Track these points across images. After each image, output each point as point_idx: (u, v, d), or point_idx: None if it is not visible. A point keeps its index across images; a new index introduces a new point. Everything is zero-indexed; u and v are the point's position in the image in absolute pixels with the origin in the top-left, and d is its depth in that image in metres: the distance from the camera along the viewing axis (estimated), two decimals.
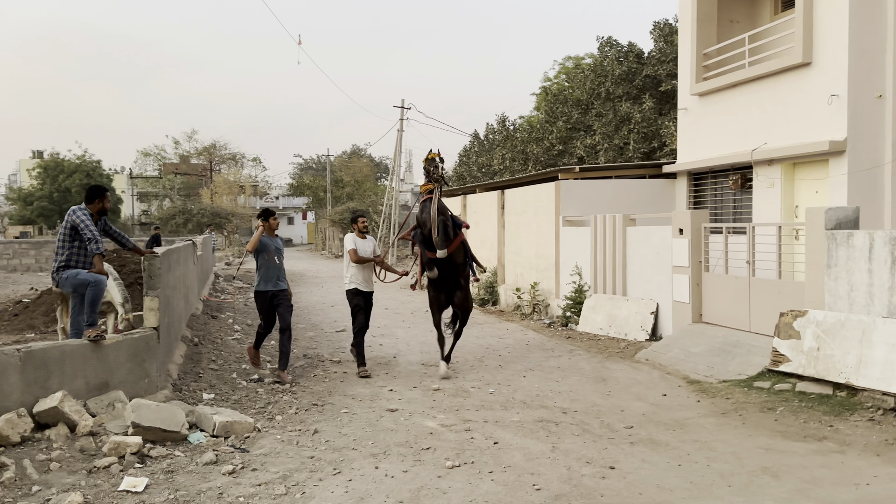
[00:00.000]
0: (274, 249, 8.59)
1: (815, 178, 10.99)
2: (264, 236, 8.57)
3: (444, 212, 8.90)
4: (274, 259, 8.54)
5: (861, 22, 9.98)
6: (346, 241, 9.14)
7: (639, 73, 21.28)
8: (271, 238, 8.67)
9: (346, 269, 9.10)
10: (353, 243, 9.03)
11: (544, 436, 6.27)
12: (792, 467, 5.39)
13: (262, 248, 8.51)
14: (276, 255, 8.58)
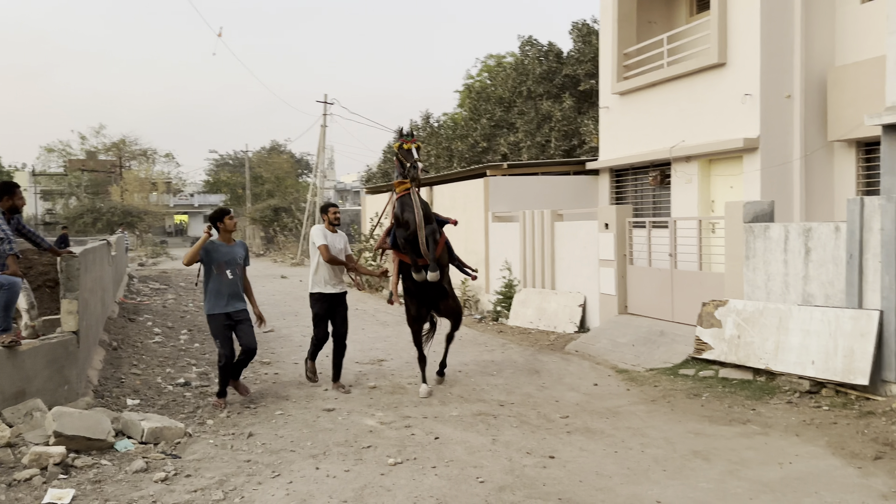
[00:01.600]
0: (226, 261, 6.89)
1: (729, 174, 11.53)
2: (214, 243, 6.90)
3: (430, 217, 7.46)
4: (225, 273, 6.87)
5: (771, 25, 10.53)
6: (314, 235, 7.68)
7: (559, 73, 21.76)
8: (227, 245, 6.97)
9: (313, 271, 7.69)
10: (323, 237, 7.64)
11: (484, 429, 6.31)
12: (721, 450, 5.63)
13: (206, 257, 6.84)
14: (228, 268, 6.88)
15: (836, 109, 10.46)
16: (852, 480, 4.90)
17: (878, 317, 6.65)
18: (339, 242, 7.82)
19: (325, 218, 7.84)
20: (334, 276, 7.70)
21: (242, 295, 7.06)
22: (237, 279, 6.97)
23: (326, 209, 7.87)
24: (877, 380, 6.66)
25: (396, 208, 7.41)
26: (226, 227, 6.95)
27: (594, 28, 21.16)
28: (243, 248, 7.18)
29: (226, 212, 7.01)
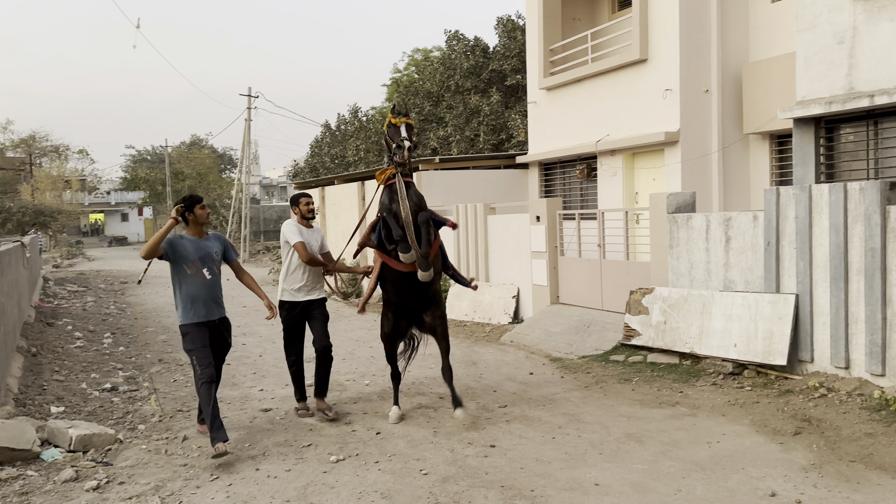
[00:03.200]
0: (201, 258, 5.67)
1: (652, 167, 11.95)
2: (180, 236, 5.67)
3: (423, 206, 6.22)
4: (202, 272, 5.65)
5: (689, 23, 10.96)
6: (286, 232, 6.46)
7: (486, 68, 21.96)
8: (198, 240, 5.73)
9: (285, 274, 6.52)
10: (298, 234, 6.40)
11: (425, 422, 6.36)
12: (653, 432, 5.86)
13: (173, 253, 5.57)
14: (205, 266, 5.67)
15: (750, 103, 10.99)
16: (775, 455, 5.20)
17: (794, 300, 7.05)
18: (316, 239, 6.63)
19: (296, 211, 6.59)
20: (311, 280, 6.52)
21: (222, 297, 5.92)
22: (216, 279, 5.80)
23: (297, 200, 6.58)
24: (794, 360, 7.07)
25: (383, 200, 6.20)
26: (197, 217, 5.70)
27: (519, 24, 21.46)
28: (219, 240, 5.95)
29: (197, 199, 5.74)
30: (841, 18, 8.30)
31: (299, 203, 6.57)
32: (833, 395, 6.41)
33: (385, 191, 6.23)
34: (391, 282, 6.38)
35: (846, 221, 6.65)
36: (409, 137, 6.00)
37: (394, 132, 6.08)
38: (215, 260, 5.81)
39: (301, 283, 6.47)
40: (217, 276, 5.81)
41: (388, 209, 6.13)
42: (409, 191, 6.07)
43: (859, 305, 6.55)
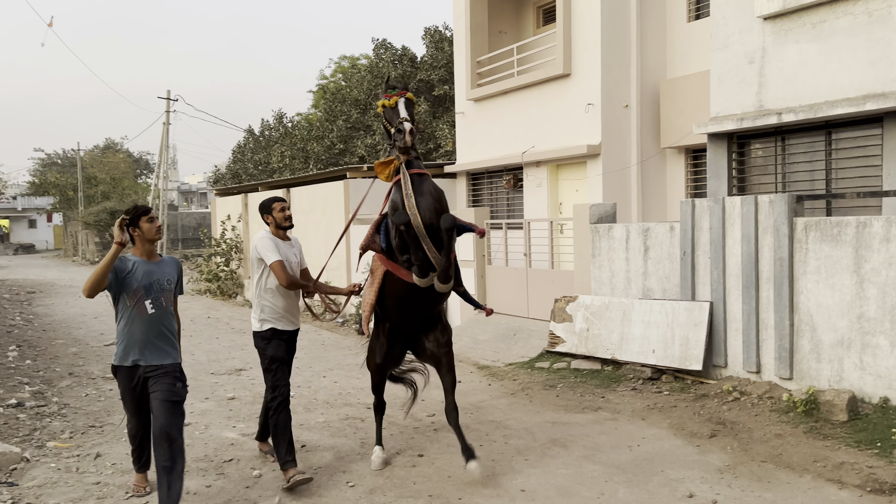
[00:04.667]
0: (146, 286, 4.46)
1: (575, 178, 12.26)
2: (129, 259, 4.52)
3: (443, 205, 5.00)
4: (143, 305, 4.44)
5: (611, 39, 11.33)
6: (260, 248, 5.12)
7: (413, 77, 22.04)
8: (147, 262, 4.54)
9: (257, 297, 5.22)
10: (275, 250, 5.10)
11: (352, 433, 6.28)
12: (576, 436, 5.99)
13: (115, 281, 4.40)
14: (148, 298, 4.46)
15: (668, 119, 11.45)
16: (692, 458, 5.40)
17: (708, 307, 7.36)
18: (295, 254, 5.36)
19: (268, 220, 5.26)
20: (288, 305, 5.26)
21: (172, 338, 4.59)
22: (163, 315, 4.50)
23: (270, 206, 5.25)
24: (709, 365, 7.37)
25: (394, 199, 4.99)
26: (144, 233, 4.51)
27: (446, 35, 21.65)
28: (174, 266, 4.69)
29: (142, 210, 4.54)
30: (751, 39, 8.76)
31: (272, 209, 5.23)
32: (745, 398, 6.72)
33: (394, 189, 4.99)
34: (393, 296, 5.14)
35: (757, 232, 7.00)
36: (410, 117, 4.86)
37: (391, 113, 4.97)
38: (165, 290, 4.53)
39: (284, 310, 5.23)
40: (165, 310, 4.52)
41: (394, 207, 4.87)
42: (422, 186, 4.85)
43: (769, 312, 6.90)
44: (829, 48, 8.01)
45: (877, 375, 6.09)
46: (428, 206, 4.84)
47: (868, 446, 5.34)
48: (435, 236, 4.81)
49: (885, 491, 4.59)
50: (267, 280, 5.19)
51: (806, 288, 6.61)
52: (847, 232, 6.31)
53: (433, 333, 5.43)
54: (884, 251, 6.05)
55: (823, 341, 6.48)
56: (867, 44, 7.64)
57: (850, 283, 6.28)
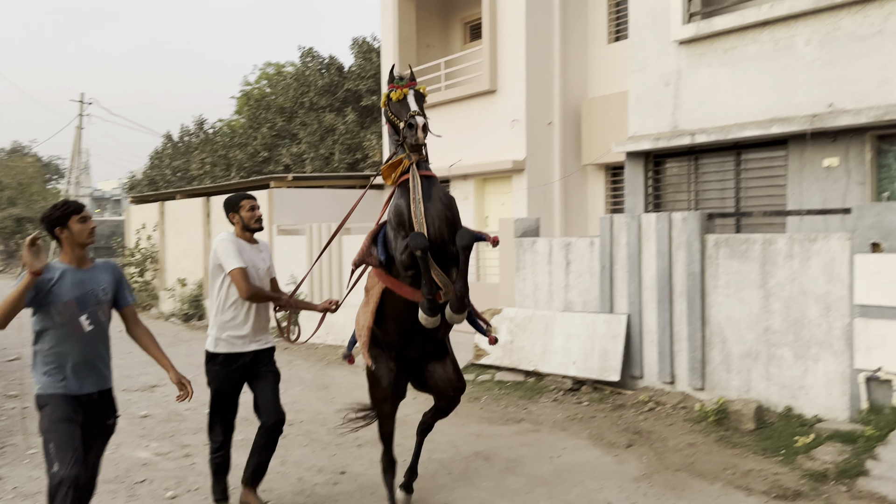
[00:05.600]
0: (78, 298, 3.68)
1: (501, 192, 12.45)
2: (56, 266, 3.69)
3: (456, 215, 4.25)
4: (78, 321, 3.67)
5: (535, 58, 11.60)
6: (220, 251, 4.44)
7: (341, 86, 21.89)
8: (79, 270, 3.74)
9: (218, 312, 4.53)
10: (237, 255, 4.42)
11: None
12: (499, 448, 6.04)
13: (36, 300, 3.60)
14: (84, 313, 3.68)
15: (588, 137, 11.80)
16: (610, 467, 5.53)
17: (626, 320, 7.59)
18: (263, 260, 4.65)
19: (234, 219, 4.58)
20: (257, 321, 4.55)
21: (109, 359, 3.88)
22: (101, 332, 3.78)
23: (237, 204, 4.58)
24: (626, 376, 7.60)
25: (398, 205, 4.21)
26: (74, 235, 3.71)
27: (374, 46, 21.64)
28: (110, 272, 3.89)
29: (73, 208, 3.73)
30: (667, 62, 9.16)
31: (240, 207, 4.56)
32: (660, 408, 6.95)
33: (398, 192, 4.27)
34: (394, 317, 4.43)
35: (671, 248, 7.29)
36: (421, 111, 4.20)
37: (398, 107, 4.28)
38: (102, 302, 3.76)
39: (242, 326, 4.49)
40: (103, 326, 3.78)
41: (400, 221, 4.15)
42: (431, 190, 4.15)
43: (682, 325, 7.18)
44: (738, 73, 8.45)
45: (781, 385, 6.43)
46: (438, 213, 4.10)
47: (773, 454, 5.61)
48: (444, 254, 4.07)
49: (788, 496, 4.83)
50: (228, 291, 4.46)
51: (717, 301, 6.92)
52: (754, 248, 6.65)
53: (441, 366, 4.71)
54: (787, 267, 6.40)
55: (733, 353, 6.79)
56: (773, 70, 8.12)
57: (757, 297, 6.62)
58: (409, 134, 4.12)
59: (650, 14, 9.37)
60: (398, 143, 4.32)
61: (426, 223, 4.03)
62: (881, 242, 5.76)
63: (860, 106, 7.37)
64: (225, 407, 4.61)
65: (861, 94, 7.40)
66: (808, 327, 6.25)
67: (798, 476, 5.15)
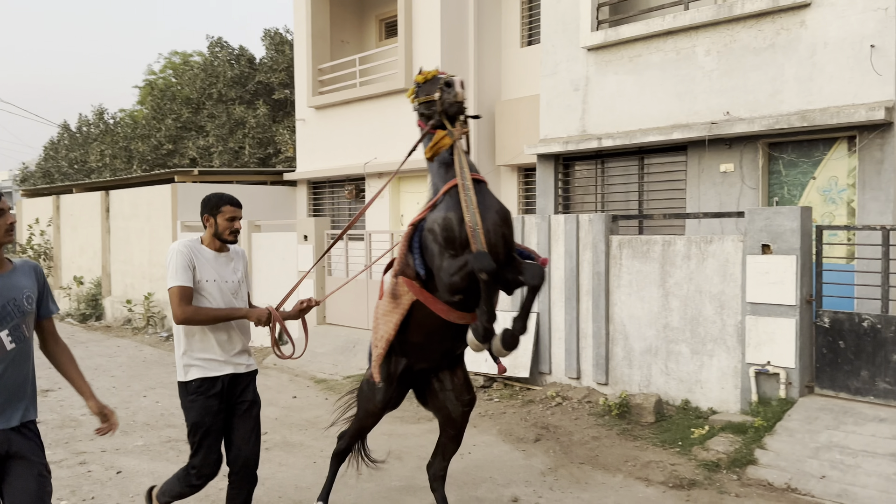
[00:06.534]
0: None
1: (416, 191, 12.46)
2: None
3: (511, 226, 3.83)
4: None
5: (450, 59, 11.67)
6: (168, 263, 3.70)
7: (251, 79, 21.31)
8: None
9: (184, 334, 3.76)
10: (184, 272, 3.65)
11: (174, 456, 5.90)
12: (411, 447, 6.06)
13: None
14: (8, 326, 2.90)
15: (502, 138, 11.98)
16: (518, 462, 5.65)
17: (535, 318, 7.77)
18: (233, 271, 3.86)
19: (209, 223, 3.77)
20: (230, 342, 3.82)
21: (35, 382, 3.12)
22: (26, 350, 3.00)
23: (218, 207, 3.76)
24: (535, 372, 7.78)
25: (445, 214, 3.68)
26: None
27: (287, 38, 21.18)
28: (32, 275, 3.10)
29: None
30: (577, 68, 9.43)
31: (219, 213, 3.74)
32: (567, 403, 7.16)
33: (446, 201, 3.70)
34: (420, 332, 4.00)
35: (578, 248, 7.52)
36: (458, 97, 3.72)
37: (429, 86, 3.91)
38: (26, 312, 2.99)
39: (214, 348, 3.75)
40: (27, 343, 3.01)
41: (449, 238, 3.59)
42: (485, 198, 3.68)
43: (588, 322, 7.42)
44: (643, 80, 8.80)
45: (679, 380, 6.75)
46: (495, 228, 3.57)
47: (671, 445, 5.89)
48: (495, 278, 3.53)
49: (685, 486, 5.08)
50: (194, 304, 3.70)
51: (620, 300, 7.19)
52: (655, 249, 6.96)
53: (451, 378, 4.35)
54: (685, 267, 6.73)
55: (635, 349, 7.08)
56: (675, 78, 8.50)
57: (657, 296, 6.92)
58: (447, 93, 3.67)
59: (561, 20, 9.61)
60: (433, 116, 3.85)
61: (484, 240, 3.49)
62: (770, 244, 6.15)
63: (754, 115, 7.83)
64: (210, 435, 3.76)
65: (755, 104, 7.87)
66: (704, 324, 6.60)
67: (693, 466, 5.42)
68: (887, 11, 6.92)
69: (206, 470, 3.81)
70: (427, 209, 3.89)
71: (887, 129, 7.00)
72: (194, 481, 3.84)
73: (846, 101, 7.17)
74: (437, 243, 3.67)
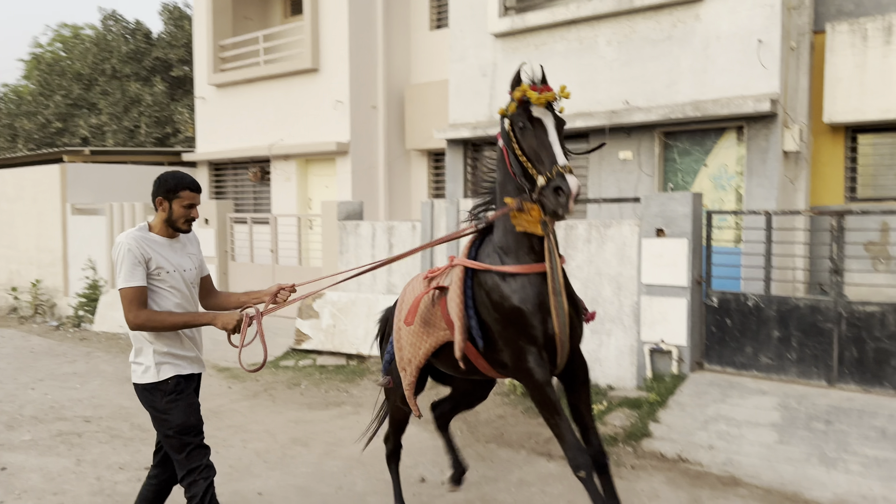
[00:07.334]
0: None
1: (325, 175, 12.26)
2: None
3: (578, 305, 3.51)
4: None
5: (358, 39, 11.51)
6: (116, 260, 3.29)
7: (148, 54, 20.29)
8: None
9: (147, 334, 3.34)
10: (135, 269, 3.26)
11: (66, 450, 5.60)
12: (318, 433, 6.00)
13: None
14: None
15: (412, 122, 11.96)
16: (427, 443, 5.70)
17: None
18: (189, 257, 3.49)
19: (162, 207, 3.38)
20: (194, 339, 3.49)
21: None
22: None
23: (176, 192, 3.35)
24: None
25: (521, 293, 3.24)
26: None
27: (187, 13, 20.27)
28: None
29: None
30: (485, 54, 9.51)
31: (178, 196, 3.35)
32: None
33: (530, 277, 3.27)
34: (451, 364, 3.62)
35: None
36: (562, 143, 3.14)
37: (533, 139, 3.15)
38: None
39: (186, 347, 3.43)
40: None
41: (526, 327, 3.22)
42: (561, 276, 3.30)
43: None
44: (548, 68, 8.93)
45: None
46: (573, 331, 3.32)
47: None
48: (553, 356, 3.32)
49: None
50: (159, 305, 3.34)
51: None
52: (557, 234, 7.15)
53: None
54: (586, 250, 6.96)
55: None
56: (578, 67, 8.73)
57: None
58: (553, 202, 3.00)
59: (469, 5, 9.66)
60: (527, 194, 3.16)
61: (559, 337, 3.21)
62: (664, 228, 6.45)
63: (651, 104, 8.16)
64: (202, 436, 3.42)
65: (652, 94, 8.20)
66: (603, 305, 6.86)
67: None
68: (773, 8, 7.36)
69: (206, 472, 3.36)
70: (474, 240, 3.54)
71: (772, 119, 7.48)
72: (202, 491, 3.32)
73: (736, 93, 7.59)
74: (505, 326, 3.28)
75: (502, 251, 3.34)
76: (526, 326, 3.21)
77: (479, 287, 3.37)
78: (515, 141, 3.19)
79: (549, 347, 3.25)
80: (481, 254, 3.45)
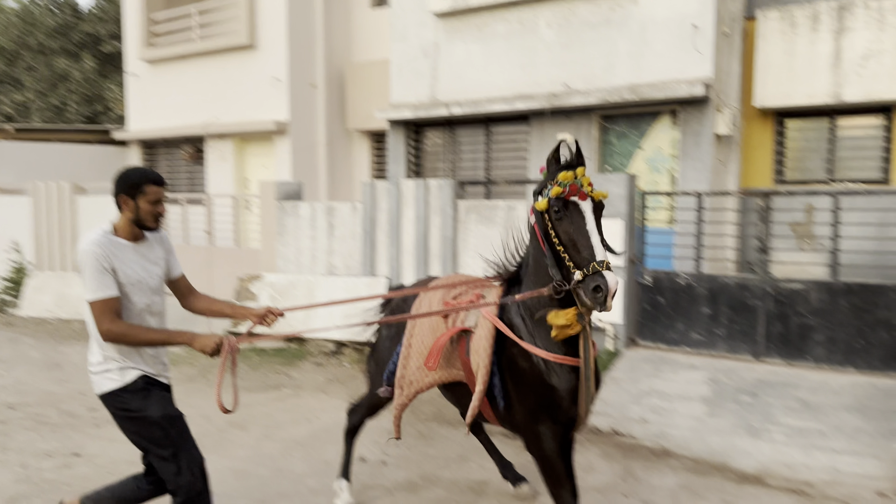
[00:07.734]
0: None
1: (263, 154, 12.00)
2: None
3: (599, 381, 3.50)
4: None
5: (297, 16, 11.25)
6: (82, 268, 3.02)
7: (76, 29, 19.40)
8: None
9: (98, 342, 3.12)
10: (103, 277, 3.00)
11: None
12: (257, 416, 5.92)
13: None
14: None
15: (353, 101, 11.80)
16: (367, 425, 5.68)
17: (386, 282, 7.81)
18: (154, 262, 3.24)
19: (128, 206, 3.10)
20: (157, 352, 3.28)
21: None
22: None
23: (140, 187, 3.08)
24: None
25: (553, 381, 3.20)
26: None
27: None
28: None
29: None
30: (426, 34, 9.44)
31: (143, 192, 3.08)
32: None
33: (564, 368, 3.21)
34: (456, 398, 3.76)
35: (427, 213, 7.61)
36: (600, 229, 3.10)
37: (570, 226, 3.06)
38: None
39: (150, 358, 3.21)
40: None
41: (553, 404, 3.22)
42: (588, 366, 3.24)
43: None
44: (490, 50, 8.99)
45: None
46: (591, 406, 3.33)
47: None
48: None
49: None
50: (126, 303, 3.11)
51: (465, 263, 7.39)
52: (498, 214, 7.20)
53: None
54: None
55: None
56: (519, 49, 8.76)
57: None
58: (591, 299, 2.95)
59: None
60: (562, 281, 3.08)
61: (581, 418, 3.28)
62: None
63: (589, 87, 8.26)
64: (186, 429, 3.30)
65: (591, 77, 8.30)
66: None
67: None
68: None
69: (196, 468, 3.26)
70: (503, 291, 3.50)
71: (706, 103, 7.68)
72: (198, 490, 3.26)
73: (671, 77, 7.76)
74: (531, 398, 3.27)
75: (535, 323, 3.26)
76: (552, 407, 3.22)
77: (510, 348, 3.32)
78: (551, 226, 3.10)
79: (567, 425, 3.29)
80: (511, 312, 3.38)
